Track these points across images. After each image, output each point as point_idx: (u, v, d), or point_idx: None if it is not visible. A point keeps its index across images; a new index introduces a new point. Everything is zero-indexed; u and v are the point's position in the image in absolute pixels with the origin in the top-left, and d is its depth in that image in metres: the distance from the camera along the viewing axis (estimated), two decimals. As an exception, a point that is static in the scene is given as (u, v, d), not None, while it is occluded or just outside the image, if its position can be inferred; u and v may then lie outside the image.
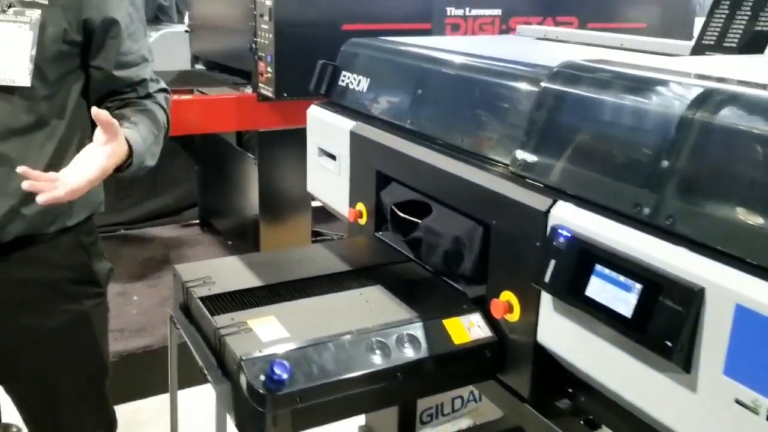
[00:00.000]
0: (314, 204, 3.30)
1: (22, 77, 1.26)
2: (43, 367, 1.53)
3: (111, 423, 1.73)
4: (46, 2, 1.28)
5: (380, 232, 1.73)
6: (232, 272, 1.54)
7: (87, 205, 1.44)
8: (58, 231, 1.40)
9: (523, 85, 1.34)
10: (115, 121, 1.23)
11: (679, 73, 1.12)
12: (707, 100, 0.99)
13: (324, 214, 3.37)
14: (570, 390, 1.25)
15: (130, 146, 1.31)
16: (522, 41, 2.19)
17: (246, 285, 1.46)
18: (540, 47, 2.00)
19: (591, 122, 1.15)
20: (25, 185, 1.14)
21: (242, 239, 3.71)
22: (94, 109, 1.20)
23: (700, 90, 1.01)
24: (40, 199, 1.14)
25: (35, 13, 1.26)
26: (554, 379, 1.24)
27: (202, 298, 1.40)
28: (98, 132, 1.24)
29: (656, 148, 1.02)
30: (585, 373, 1.13)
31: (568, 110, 1.20)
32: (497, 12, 3.30)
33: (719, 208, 0.93)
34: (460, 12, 3.19)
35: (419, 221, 1.47)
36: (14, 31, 1.23)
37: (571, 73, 1.23)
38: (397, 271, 1.55)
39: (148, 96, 1.46)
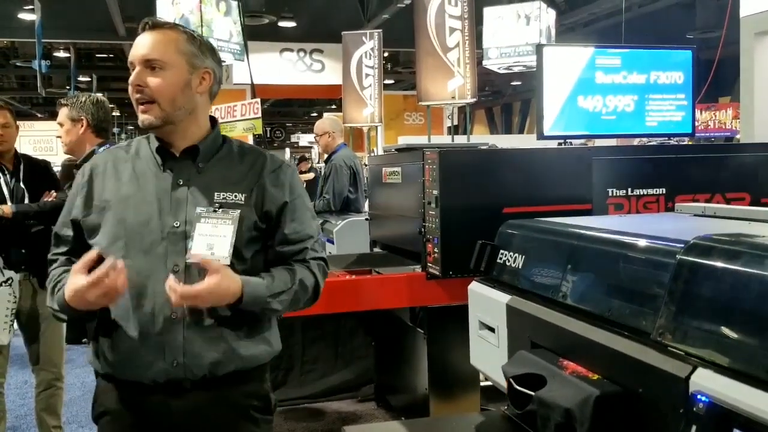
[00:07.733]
0: (484, 383, 3.35)
1: (225, 258, 1.64)
2: None
3: None
4: (243, 202, 1.70)
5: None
6: (393, 436, 1.67)
7: (273, 350, 1.79)
8: (254, 367, 1.74)
9: (663, 258, 1.42)
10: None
11: (811, 243, 1.16)
12: (832, 266, 1.03)
13: (495, 393, 3.39)
14: None
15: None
16: (676, 218, 2.25)
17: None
18: (691, 223, 2.05)
19: (724, 292, 1.20)
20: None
21: (414, 415, 3.78)
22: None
23: (825, 258, 1.05)
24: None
25: (236, 212, 1.68)
26: None
27: (364, 457, 1.54)
28: None
29: (786, 314, 1.05)
30: None
31: (702, 281, 1.26)
32: (661, 191, 3.33)
33: None
34: (622, 192, 3.28)
35: (532, 393, 1.50)
36: (221, 225, 1.67)
37: (704, 246, 1.30)
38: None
39: (303, 261, 1.79)
